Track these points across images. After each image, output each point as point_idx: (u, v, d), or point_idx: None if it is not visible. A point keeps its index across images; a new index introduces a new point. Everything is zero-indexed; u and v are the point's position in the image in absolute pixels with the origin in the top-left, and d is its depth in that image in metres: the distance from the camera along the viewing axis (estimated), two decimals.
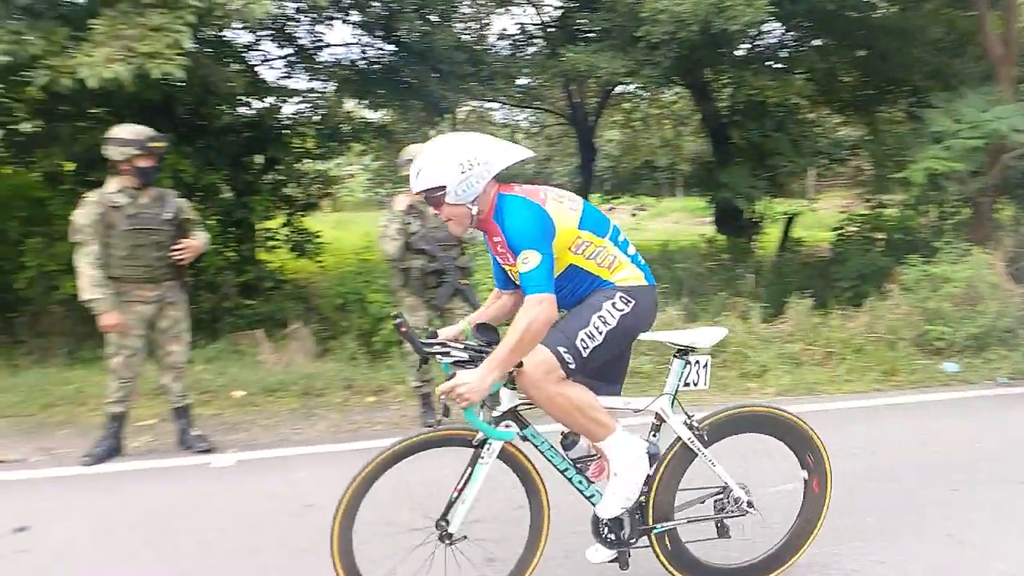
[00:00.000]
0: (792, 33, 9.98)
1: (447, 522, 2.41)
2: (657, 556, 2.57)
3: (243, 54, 8.30)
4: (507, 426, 2.42)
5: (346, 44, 9.51)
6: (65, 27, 5.37)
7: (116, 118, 6.74)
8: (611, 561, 2.53)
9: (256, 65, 8.63)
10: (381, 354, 6.68)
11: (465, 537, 2.43)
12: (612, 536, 2.50)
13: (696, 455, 2.53)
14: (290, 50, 8.87)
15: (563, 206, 2.37)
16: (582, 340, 2.33)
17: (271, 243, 8.77)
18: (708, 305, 7.29)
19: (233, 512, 3.52)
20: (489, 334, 2.41)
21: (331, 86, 9.27)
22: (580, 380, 2.41)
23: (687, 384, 2.59)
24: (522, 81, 11.43)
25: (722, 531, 2.62)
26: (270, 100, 8.55)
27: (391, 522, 2.49)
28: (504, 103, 14.65)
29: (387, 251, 4.62)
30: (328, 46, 9.27)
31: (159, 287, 4.24)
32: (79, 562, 3.10)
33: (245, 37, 8.17)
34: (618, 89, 12.73)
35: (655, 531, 2.53)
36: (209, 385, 5.61)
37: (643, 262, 2.51)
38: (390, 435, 4.76)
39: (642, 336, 2.51)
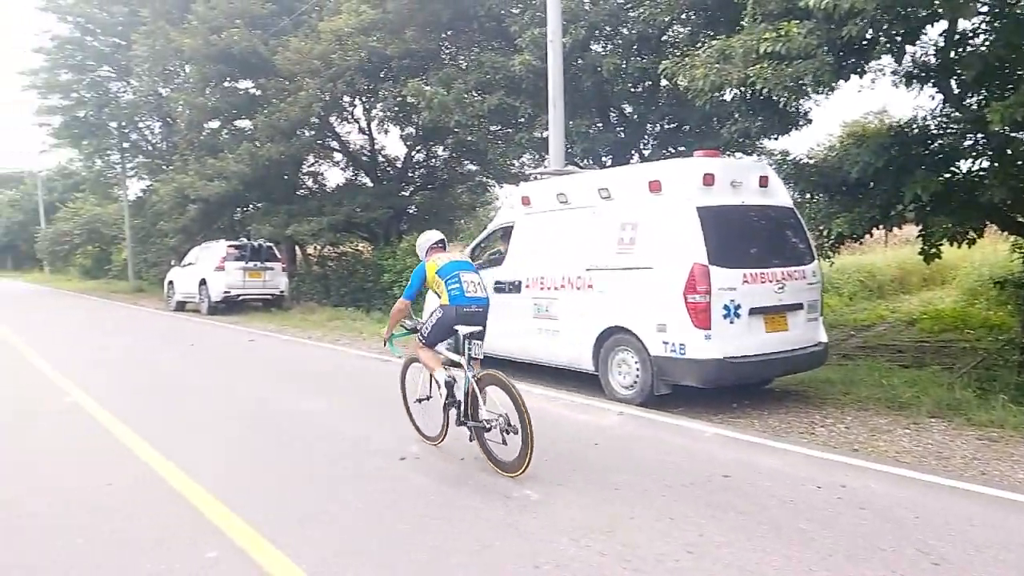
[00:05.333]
0: None
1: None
2: (474, 437, 5.16)
3: None
4: (445, 367, 5.36)
5: None
6: None
7: None
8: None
9: None
10: None
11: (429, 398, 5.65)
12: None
13: (479, 392, 4.99)
14: None
15: (436, 263, 5.36)
16: (427, 332, 5.33)
17: None
18: None
19: None
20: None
21: None
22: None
23: (474, 357, 5.14)
24: None
25: (504, 441, 4.83)
26: None
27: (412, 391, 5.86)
28: None
29: None
30: None
31: None
32: None
33: None
34: None
35: (470, 424, 5.12)
36: None
37: (456, 293, 5.18)
38: None
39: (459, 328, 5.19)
